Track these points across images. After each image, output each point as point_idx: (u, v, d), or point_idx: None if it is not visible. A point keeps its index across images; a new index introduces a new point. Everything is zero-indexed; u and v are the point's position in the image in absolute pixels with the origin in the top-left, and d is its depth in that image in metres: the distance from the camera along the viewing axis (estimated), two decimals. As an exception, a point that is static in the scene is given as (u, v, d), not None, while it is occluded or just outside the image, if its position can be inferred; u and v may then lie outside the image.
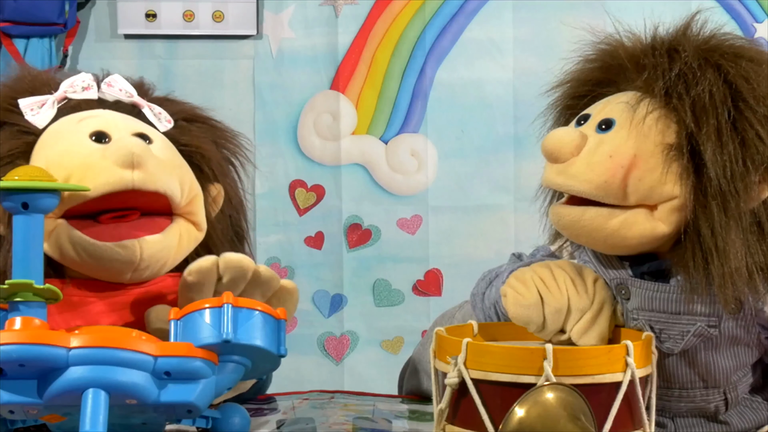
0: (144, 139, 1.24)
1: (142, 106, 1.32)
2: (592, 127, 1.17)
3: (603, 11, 2.39)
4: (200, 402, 1.09)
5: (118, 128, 1.24)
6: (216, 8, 2.49)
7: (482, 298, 1.33)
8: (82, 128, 1.23)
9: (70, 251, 1.21)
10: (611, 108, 1.18)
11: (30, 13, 2.39)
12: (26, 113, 1.26)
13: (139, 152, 1.18)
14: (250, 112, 2.47)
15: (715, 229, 1.09)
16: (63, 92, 1.29)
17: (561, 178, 1.15)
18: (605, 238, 1.15)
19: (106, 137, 1.22)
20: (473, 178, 2.48)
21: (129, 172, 1.18)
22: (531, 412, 1.00)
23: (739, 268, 1.09)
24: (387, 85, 2.49)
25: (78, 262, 1.22)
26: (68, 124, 1.25)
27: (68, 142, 1.22)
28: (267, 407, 1.48)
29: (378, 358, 2.48)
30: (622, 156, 1.12)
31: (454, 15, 2.49)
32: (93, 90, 1.30)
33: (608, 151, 1.13)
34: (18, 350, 1.01)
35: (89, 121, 1.25)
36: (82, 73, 1.32)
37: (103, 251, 1.20)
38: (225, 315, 1.09)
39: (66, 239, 1.20)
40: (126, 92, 1.32)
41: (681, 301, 1.15)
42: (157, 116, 1.32)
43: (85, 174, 1.18)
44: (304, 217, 2.51)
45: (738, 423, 1.24)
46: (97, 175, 1.17)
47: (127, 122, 1.27)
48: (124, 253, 1.20)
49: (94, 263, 1.21)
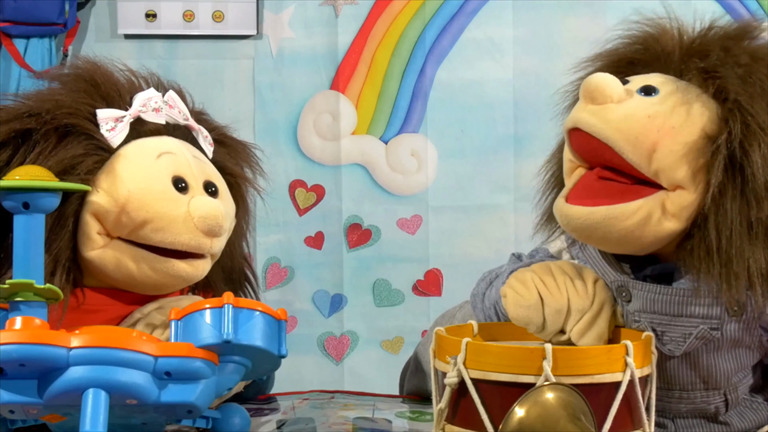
0: (211, 190, 1.30)
1: (195, 130, 1.35)
2: (633, 89, 1.15)
3: (603, 11, 2.39)
4: (200, 402, 1.09)
5: (193, 175, 1.28)
6: (216, 8, 2.49)
7: (482, 299, 1.33)
8: (163, 168, 1.26)
9: (130, 264, 1.24)
10: (655, 80, 1.16)
11: (30, 13, 2.38)
12: (102, 127, 1.26)
13: (221, 223, 1.25)
14: (250, 112, 2.47)
15: (723, 233, 1.08)
16: (137, 111, 1.29)
17: (595, 119, 1.12)
18: (618, 240, 1.14)
19: (184, 183, 1.26)
20: (473, 178, 2.48)
21: (209, 240, 1.25)
22: (531, 412, 1.00)
23: (739, 272, 1.08)
24: (387, 85, 2.49)
25: (134, 276, 1.25)
26: (145, 155, 1.27)
27: (149, 179, 1.24)
28: (267, 407, 1.48)
29: (378, 358, 2.48)
30: (662, 122, 1.11)
31: (454, 15, 2.49)
32: (162, 113, 1.31)
33: (650, 112, 1.11)
34: (18, 350, 1.01)
35: (167, 159, 1.27)
36: (152, 91, 1.33)
37: (171, 267, 1.25)
38: (225, 315, 1.09)
39: (126, 253, 1.24)
40: (183, 114, 1.34)
41: (683, 304, 1.15)
42: (205, 139, 1.36)
43: (168, 226, 1.22)
44: (304, 217, 2.50)
45: (738, 423, 1.24)
46: (180, 233, 1.23)
47: (199, 165, 1.31)
48: (191, 270, 1.26)
49: (156, 278, 1.25)
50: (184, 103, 1.37)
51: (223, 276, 1.38)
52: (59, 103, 1.24)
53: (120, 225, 1.22)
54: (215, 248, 1.28)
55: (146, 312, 1.27)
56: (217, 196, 1.30)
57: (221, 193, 1.32)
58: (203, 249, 1.26)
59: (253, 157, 1.46)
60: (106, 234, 1.23)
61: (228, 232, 1.32)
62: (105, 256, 1.23)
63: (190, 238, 1.24)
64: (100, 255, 1.23)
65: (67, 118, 1.23)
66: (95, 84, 1.30)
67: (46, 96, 1.27)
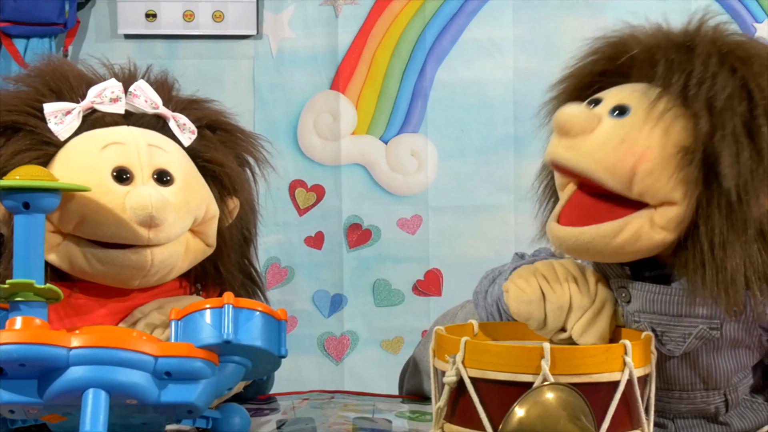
0: (164, 179, 1.24)
1: (168, 118, 1.32)
2: (605, 110, 1.15)
3: (603, 11, 2.39)
4: (200, 402, 1.09)
5: (139, 165, 1.23)
6: (216, 8, 2.49)
7: (485, 296, 1.33)
8: (105, 159, 1.22)
9: (80, 260, 1.22)
10: (626, 95, 1.16)
11: (30, 13, 2.38)
12: (49, 121, 1.24)
13: (157, 213, 1.19)
14: (250, 112, 2.47)
15: (715, 241, 1.08)
16: (90, 102, 1.27)
17: (570, 153, 1.13)
18: (611, 254, 1.15)
19: (128, 175, 1.22)
20: (473, 178, 2.48)
21: (145, 231, 1.20)
22: (531, 412, 1.00)
23: (736, 278, 1.08)
24: (387, 85, 2.49)
25: (88, 271, 1.23)
26: (90, 148, 1.24)
27: (87, 173, 1.20)
28: (267, 407, 1.49)
29: (378, 358, 2.48)
30: (636, 144, 1.11)
31: (454, 15, 2.49)
32: (120, 103, 1.29)
33: (622, 136, 1.11)
34: (18, 350, 1.01)
35: (112, 150, 1.23)
36: (111, 81, 1.30)
37: (115, 257, 1.21)
38: (225, 315, 1.09)
39: (76, 249, 1.21)
40: (152, 103, 1.31)
41: (682, 304, 1.15)
42: (181, 128, 1.32)
43: (100, 218, 1.19)
44: (304, 217, 2.51)
45: (738, 424, 1.24)
46: (114, 225, 1.19)
47: (150, 154, 1.26)
48: (136, 259, 1.22)
49: (106, 270, 1.22)
50: (168, 92, 1.35)
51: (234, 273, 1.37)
52: (2, 101, 1.23)
53: (63, 222, 1.20)
54: (157, 238, 1.22)
55: (146, 312, 1.26)
56: (172, 184, 1.25)
57: (178, 182, 1.26)
58: (142, 240, 1.21)
59: (255, 142, 1.42)
60: (58, 232, 1.21)
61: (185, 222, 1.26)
62: (60, 256, 1.22)
63: (127, 230, 1.20)
64: (56, 255, 1.21)
65: (8, 115, 1.22)
66: (44, 80, 1.28)
67: None
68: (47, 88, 1.28)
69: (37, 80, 1.29)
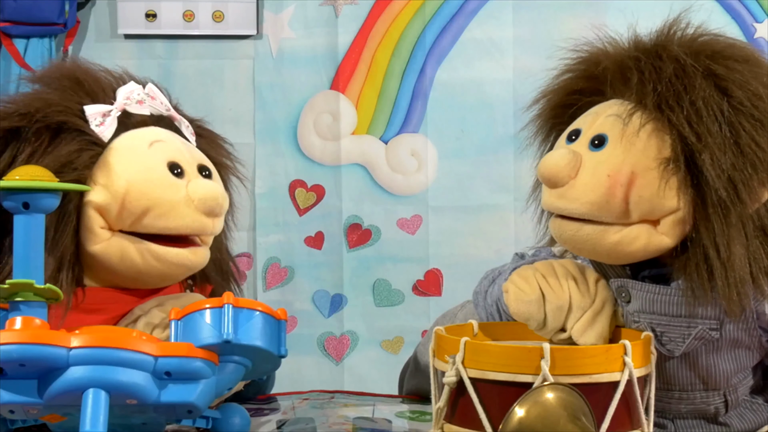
0: (205, 173, 1.32)
1: (180, 121, 1.37)
2: (584, 144, 1.16)
3: (603, 11, 2.39)
4: (200, 402, 1.09)
5: (186, 160, 1.30)
6: (216, 8, 2.49)
7: (485, 296, 1.34)
8: (157, 156, 1.27)
9: (134, 255, 1.25)
10: (602, 122, 1.16)
11: (30, 13, 2.38)
12: (92, 122, 1.27)
13: (221, 203, 1.28)
14: (250, 112, 2.47)
15: (718, 241, 1.09)
16: (123, 104, 1.30)
17: (562, 202, 1.15)
18: (607, 253, 1.16)
19: (179, 169, 1.28)
20: (473, 178, 2.48)
21: (210, 221, 1.28)
22: (531, 412, 1.00)
23: (743, 276, 1.09)
24: (387, 85, 2.49)
25: (138, 267, 1.25)
26: (137, 146, 1.28)
27: (146, 168, 1.26)
28: (267, 407, 1.49)
29: (378, 358, 2.48)
30: (620, 174, 1.12)
31: (454, 15, 2.49)
32: (146, 105, 1.33)
33: (605, 171, 1.13)
34: (18, 350, 1.01)
35: (158, 147, 1.29)
36: (133, 84, 1.34)
37: (174, 255, 1.26)
38: (225, 315, 1.09)
39: (130, 246, 1.24)
40: (165, 106, 1.36)
41: (682, 304, 1.15)
42: (187, 129, 1.38)
43: (170, 211, 1.24)
44: (304, 217, 2.50)
45: (738, 424, 1.24)
46: (182, 217, 1.25)
47: (189, 150, 1.33)
48: (194, 258, 1.28)
49: (160, 267, 1.26)
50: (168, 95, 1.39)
51: (214, 267, 1.39)
52: (48, 102, 1.25)
53: (122, 217, 1.23)
54: (217, 228, 1.31)
55: (146, 309, 1.27)
56: (212, 178, 1.33)
57: (215, 176, 1.35)
58: (207, 230, 1.28)
59: (228, 148, 1.48)
60: (108, 228, 1.24)
61: None
62: (109, 250, 1.24)
63: (193, 220, 1.26)
64: (104, 249, 1.24)
65: (58, 115, 1.24)
66: (78, 82, 1.31)
67: (33, 96, 1.28)
68: (83, 91, 1.30)
69: (65, 81, 1.31)
